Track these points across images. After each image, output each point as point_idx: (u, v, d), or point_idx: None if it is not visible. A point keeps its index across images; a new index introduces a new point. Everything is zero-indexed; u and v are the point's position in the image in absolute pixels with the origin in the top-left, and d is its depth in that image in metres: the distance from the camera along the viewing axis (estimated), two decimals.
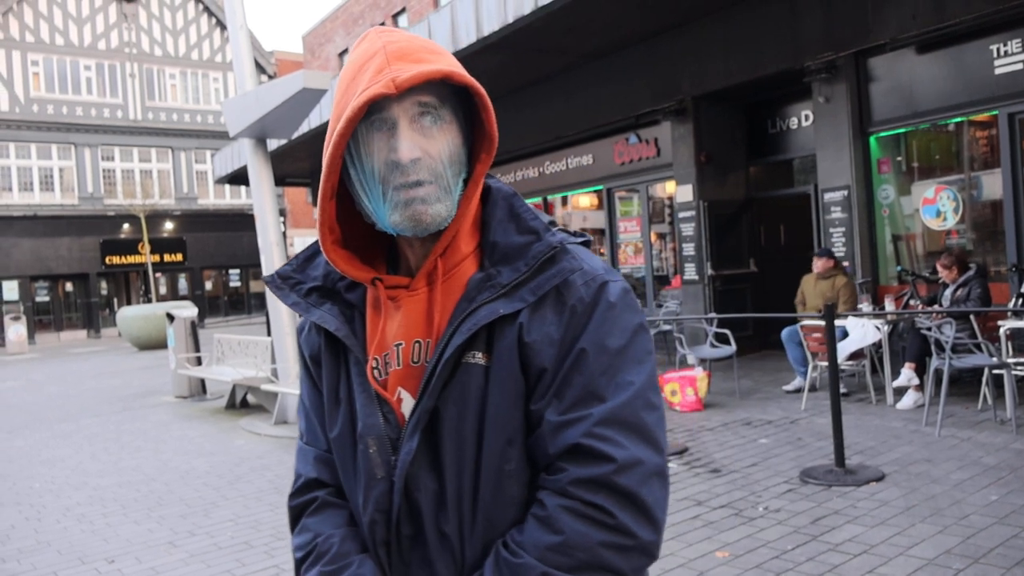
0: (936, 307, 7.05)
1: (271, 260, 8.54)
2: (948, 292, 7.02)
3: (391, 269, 1.19)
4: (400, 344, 1.12)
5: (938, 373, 6.14)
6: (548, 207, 13.92)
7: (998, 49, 7.51)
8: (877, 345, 7.33)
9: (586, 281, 1.08)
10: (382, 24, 22.64)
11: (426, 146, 1.05)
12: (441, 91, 1.06)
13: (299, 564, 1.18)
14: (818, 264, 7.96)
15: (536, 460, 1.07)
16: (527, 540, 1.03)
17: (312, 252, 1.23)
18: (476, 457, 1.07)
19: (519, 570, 1.01)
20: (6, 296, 25.87)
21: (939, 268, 7.11)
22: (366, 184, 1.08)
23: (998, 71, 7.51)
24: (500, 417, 1.06)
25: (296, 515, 1.23)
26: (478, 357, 1.07)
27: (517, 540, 1.04)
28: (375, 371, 1.13)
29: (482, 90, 1.06)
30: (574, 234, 1.16)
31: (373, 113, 1.05)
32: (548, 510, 1.02)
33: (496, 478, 1.06)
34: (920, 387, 6.82)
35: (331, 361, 1.18)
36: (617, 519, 1.01)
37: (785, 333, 7.84)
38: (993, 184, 7.91)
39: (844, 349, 6.97)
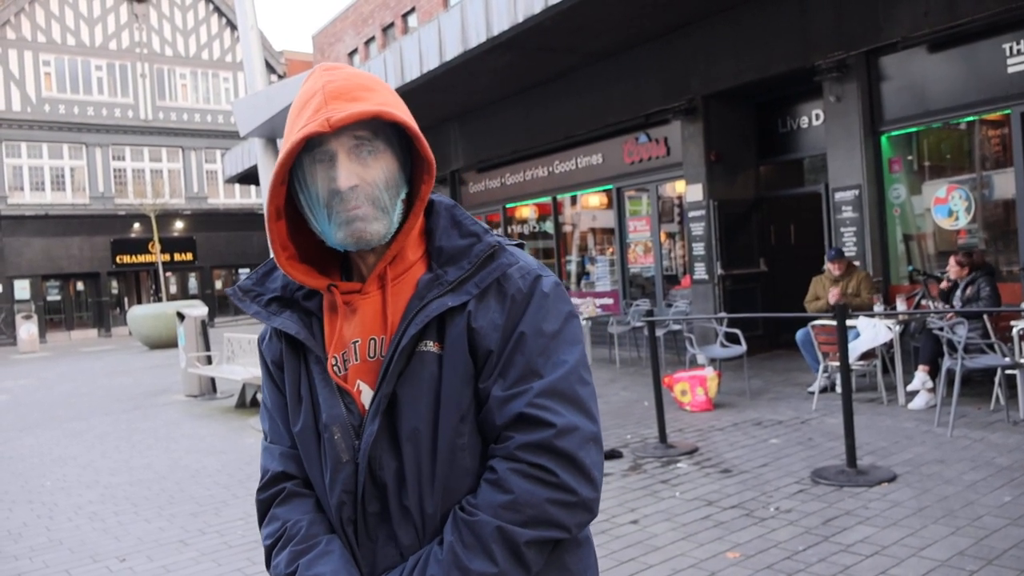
0: (948, 307, 7.01)
1: None
2: (958, 292, 6.98)
3: (344, 276, 1.31)
4: (357, 341, 1.25)
5: (950, 373, 6.10)
6: (558, 206, 13.91)
7: (1011, 48, 7.46)
8: (888, 345, 7.29)
9: (523, 275, 1.22)
10: (391, 25, 22.70)
11: (363, 174, 1.18)
12: (375, 124, 1.19)
13: (269, 550, 1.27)
14: (833, 268, 7.91)
15: (486, 432, 1.20)
16: (481, 501, 1.16)
17: (270, 267, 1.36)
18: (432, 435, 1.19)
19: (476, 527, 1.14)
20: (18, 295, 26.02)
21: (953, 262, 7.06)
22: (313, 208, 1.21)
23: (1011, 70, 7.46)
24: (453, 397, 1.19)
25: (265, 507, 1.31)
26: (430, 346, 1.20)
27: (472, 503, 1.17)
28: (335, 367, 1.25)
29: (410, 123, 1.20)
30: (510, 239, 1.31)
31: (314, 147, 1.18)
32: (499, 473, 1.15)
33: (450, 452, 1.19)
34: (932, 388, 6.78)
35: (292, 363, 1.29)
36: (560, 478, 1.14)
37: (800, 336, 7.80)
38: (1005, 183, 7.86)
39: (856, 349, 6.94)
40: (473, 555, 1.13)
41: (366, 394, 1.23)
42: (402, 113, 1.19)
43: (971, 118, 8.00)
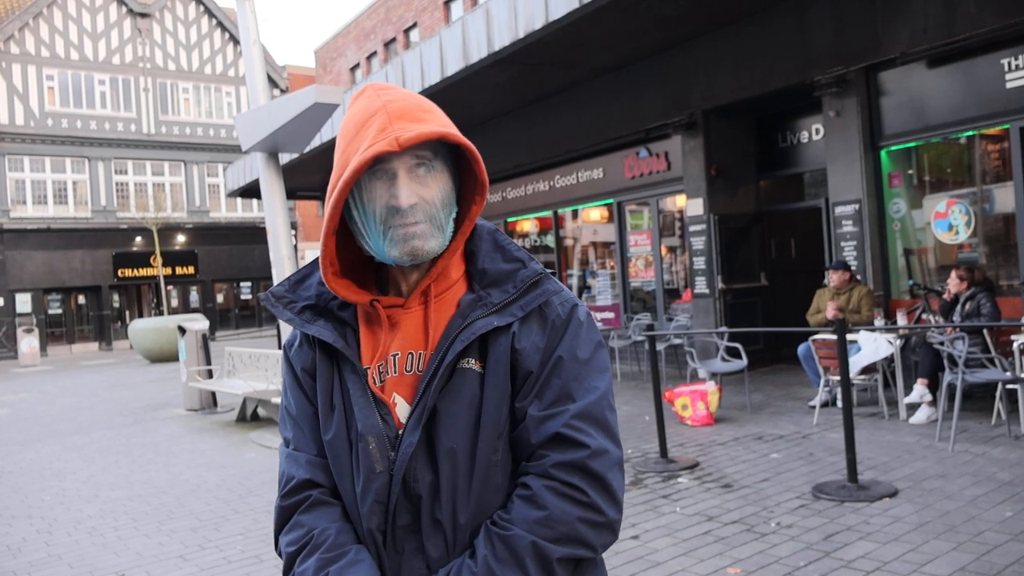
0: (949, 321, 7.01)
1: (283, 273, 8.57)
2: (958, 307, 6.98)
3: (380, 289, 1.34)
4: (396, 355, 1.28)
5: (951, 388, 6.10)
6: (559, 220, 13.93)
7: (1009, 63, 7.49)
8: (889, 359, 7.28)
9: (562, 302, 1.28)
10: (393, 40, 22.83)
11: (421, 192, 1.22)
12: (434, 145, 1.23)
13: (292, 557, 1.26)
14: (833, 278, 7.90)
15: (519, 450, 1.23)
16: (515, 516, 1.19)
17: (303, 275, 1.39)
18: (471, 450, 1.22)
19: (510, 541, 1.17)
20: (19, 308, 26.02)
21: (954, 276, 7.06)
22: (367, 224, 1.24)
23: (1009, 85, 7.50)
24: (492, 414, 1.22)
25: (288, 514, 1.30)
26: (472, 363, 1.24)
27: (505, 517, 1.20)
28: (374, 378, 1.27)
29: (471, 146, 1.23)
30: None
31: (375, 164, 1.21)
32: (533, 490, 1.19)
33: (486, 468, 1.22)
34: (933, 402, 6.77)
35: (326, 371, 1.30)
36: (590, 497, 1.18)
37: (802, 351, 7.79)
38: (1005, 198, 7.87)
39: (856, 363, 6.93)
40: (507, 569, 1.16)
41: (401, 407, 1.26)
42: (460, 135, 1.24)
43: (970, 133, 8.03)
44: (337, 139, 1.28)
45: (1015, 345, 6.33)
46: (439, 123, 1.22)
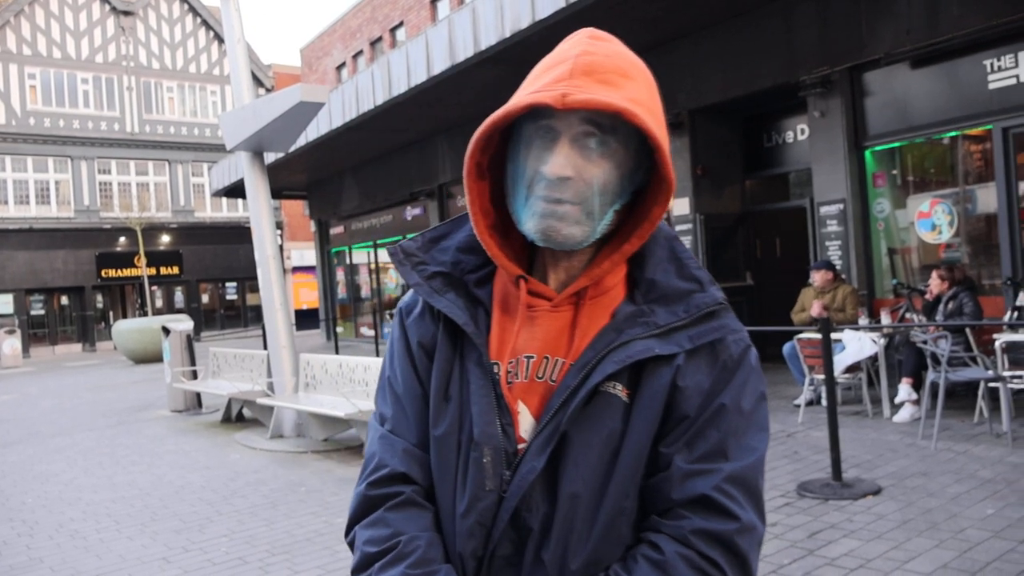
0: (932, 321, 7.06)
1: (268, 273, 8.53)
2: (941, 306, 7.03)
3: (530, 270, 1.15)
4: (532, 357, 1.10)
5: (934, 386, 6.14)
6: None
7: (991, 64, 7.55)
8: (873, 358, 7.32)
9: (736, 340, 1.09)
10: (379, 39, 22.76)
11: (581, 168, 1.02)
12: (617, 117, 1.01)
13: (371, 559, 1.09)
14: (817, 277, 7.94)
15: (652, 501, 1.06)
16: None
17: (440, 234, 1.20)
18: (600, 490, 1.04)
19: None
20: (1, 310, 25.79)
21: (935, 276, 7.11)
22: (515, 183, 1.07)
23: (992, 86, 7.56)
24: (634, 453, 1.04)
25: (373, 505, 1.12)
26: (618, 389, 1.06)
27: None
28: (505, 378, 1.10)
29: (655, 134, 1.00)
30: None
31: (541, 118, 1.03)
32: (665, 555, 1.01)
33: (614, 514, 1.04)
34: (916, 401, 6.82)
35: (446, 354, 1.13)
36: None
37: (787, 349, 7.82)
38: (987, 198, 7.94)
39: (841, 362, 6.97)
40: None
41: (524, 418, 1.09)
42: (649, 117, 1.01)
43: (953, 133, 8.09)
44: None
45: (997, 344, 6.37)
46: (628, 94, 1.01)
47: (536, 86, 1.02)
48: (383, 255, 19.64)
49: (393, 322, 1.23)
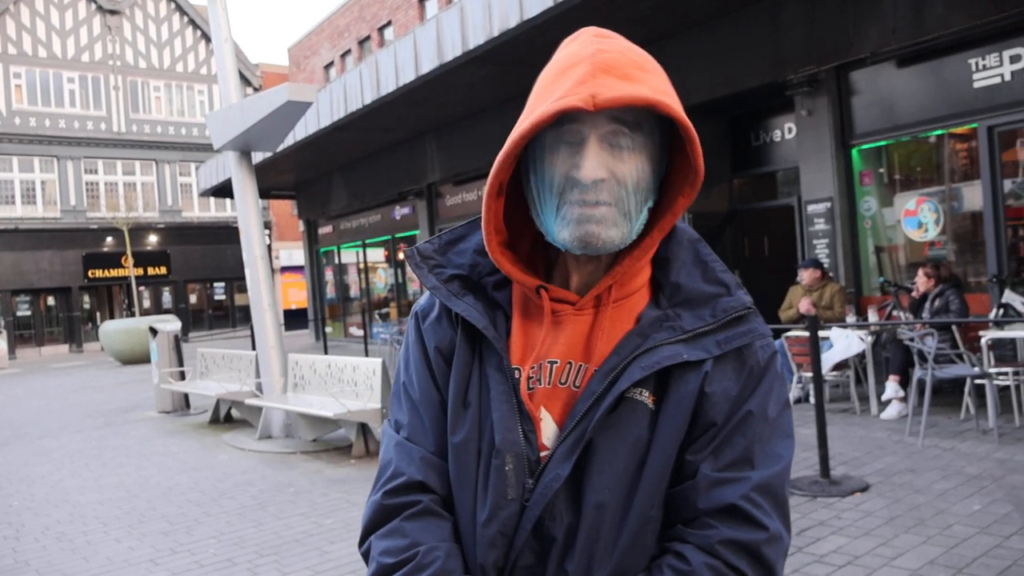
0: (918, 318, 7.10)
1: (256, 273, 8.50)
2: (927, 303, 7.08)
3: (547, 277, 1.13)
4: (554, 362, 1.08)
5: (921, 383, 6.18)
6: None
7: (976, 63, 7.60)
8: (861, 356, 7.36)
9: (763, 346, 1.08)
10: (367, 38, 22.71)
11: (613, 167, 1.00)
12: (640, 112, 1.00)
13: (388, 569, 1.05)
14: (805, 275, 7.97)
15: (677, 509, 1.04)
16: None
17: (457, 236, 1.18)
18: (627, 499, 1.02)
19: None
20: None
21: (921, 274, 7.15)
22: (541, 194, 1.04)
23: (977, 84, 7.61)
24: (660, 462, 1.02)
25: (390, 514, 1.09)
26: (644, 396, 1.04)
27: None
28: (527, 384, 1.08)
29: (687, 123, 0.99)
30: None
31: (564, 123, 1.00)
32: (692, 565, 0.99)
33: (640, 523, 1.02)
34: (904, 398, 6.86)
35: (465, 359, 1.10)
36: None
37: (776, 347, 7.86)
38: (973, 196, 7.99)
39: (828, 360, 7.00)
40: None
41: (547, 425, 1.06)
42: (679, 107, 1.00)
43: (939, 132, 8.14)
44: (534, 86, 1.07)
45: (983, 341, 6.42)
46: (653, 87, 1.00)
47: (558, 92, 0.98)
48: (372, 255, 19.61)
49: (408, 327, 1.21)
